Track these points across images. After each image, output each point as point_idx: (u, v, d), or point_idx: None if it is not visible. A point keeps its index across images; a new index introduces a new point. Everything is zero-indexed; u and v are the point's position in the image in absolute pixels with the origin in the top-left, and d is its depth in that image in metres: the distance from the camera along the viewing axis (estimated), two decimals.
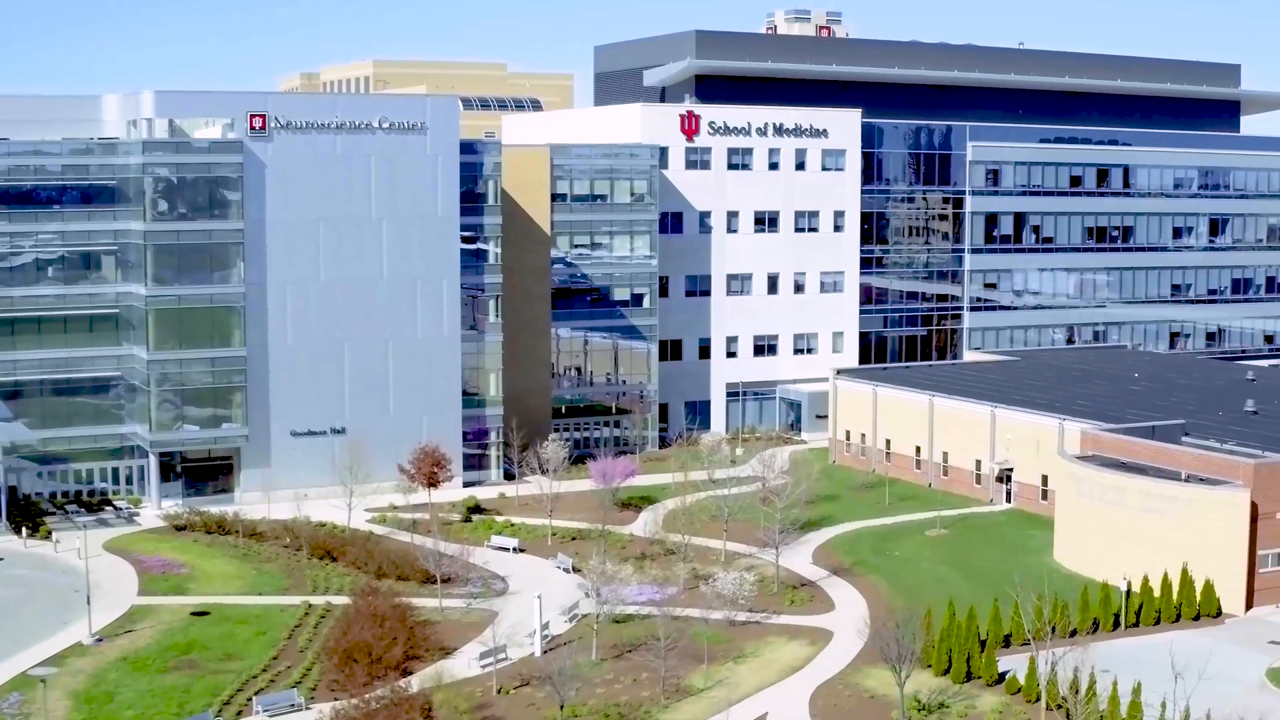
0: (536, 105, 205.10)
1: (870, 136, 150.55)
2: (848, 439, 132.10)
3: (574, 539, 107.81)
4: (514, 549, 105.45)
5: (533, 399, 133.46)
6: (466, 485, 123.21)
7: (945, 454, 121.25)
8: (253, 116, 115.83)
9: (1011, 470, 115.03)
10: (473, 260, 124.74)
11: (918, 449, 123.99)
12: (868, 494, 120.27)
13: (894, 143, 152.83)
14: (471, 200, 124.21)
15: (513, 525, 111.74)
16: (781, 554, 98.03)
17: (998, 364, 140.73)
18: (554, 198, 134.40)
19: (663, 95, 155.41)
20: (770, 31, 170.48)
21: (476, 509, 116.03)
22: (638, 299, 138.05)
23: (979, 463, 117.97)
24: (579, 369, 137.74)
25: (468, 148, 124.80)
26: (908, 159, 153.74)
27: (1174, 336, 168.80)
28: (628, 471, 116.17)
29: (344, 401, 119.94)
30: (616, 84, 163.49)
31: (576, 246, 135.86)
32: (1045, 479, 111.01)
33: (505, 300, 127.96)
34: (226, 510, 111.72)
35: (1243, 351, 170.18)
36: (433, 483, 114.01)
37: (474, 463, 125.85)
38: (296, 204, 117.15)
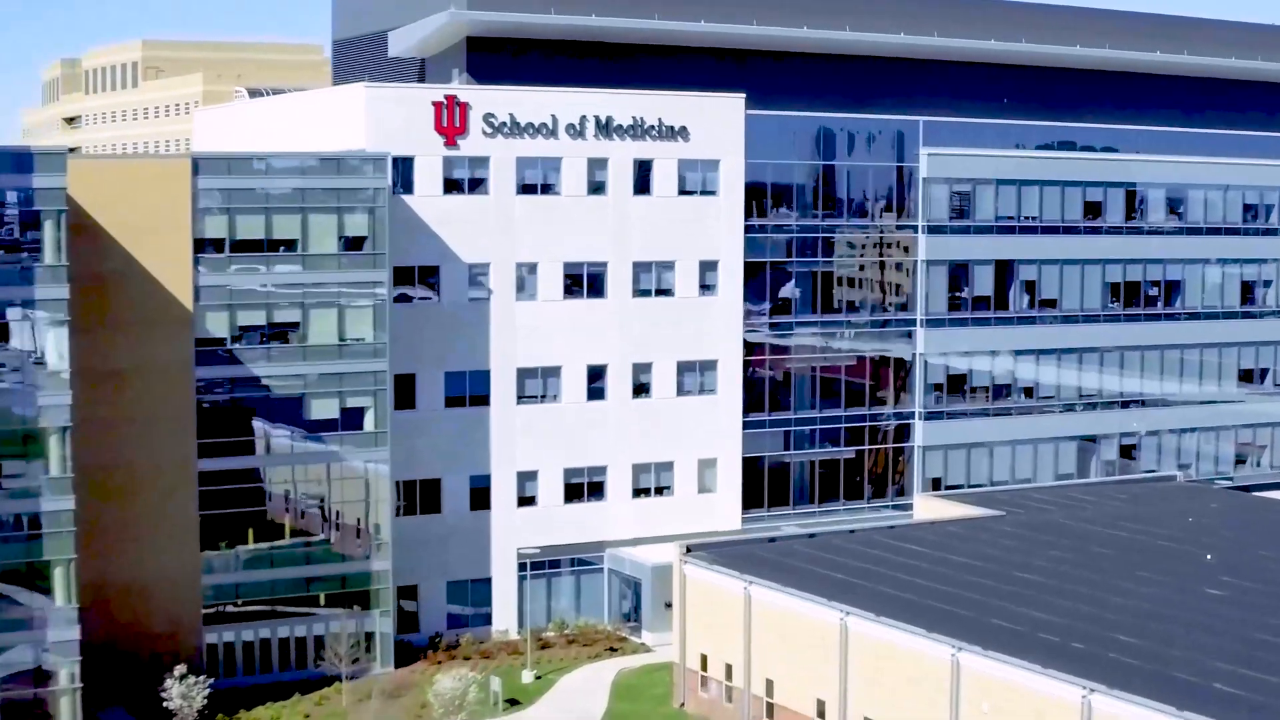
0: None
1: (761, 139, 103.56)
2: (703, 668, 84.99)
3: None
4: None
5: (163, 593, 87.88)
6: None
7: None
8: None
9: None
10: (15, 365, 77.37)
11: (821, 705, 76.91)
12: None
13: (800, 149, 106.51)
14: (16, 254, 77.00)
15: None
16: None
17: (968, 525, 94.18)
18: (202, 246, 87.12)
19: (422, 72, 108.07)
20: None
21: None
22: (355, 415, 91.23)
23: None
24: (252, 534, 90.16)
25: (9, 162, 77.30)
26: (824, 176, 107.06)
27: (1243, 450, 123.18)
28: None
29: None
30: (361, 55, 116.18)
31: (244, 329, 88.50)
32: None
33: (97, 430, 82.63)
34: None
35: None
36: None
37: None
38: None
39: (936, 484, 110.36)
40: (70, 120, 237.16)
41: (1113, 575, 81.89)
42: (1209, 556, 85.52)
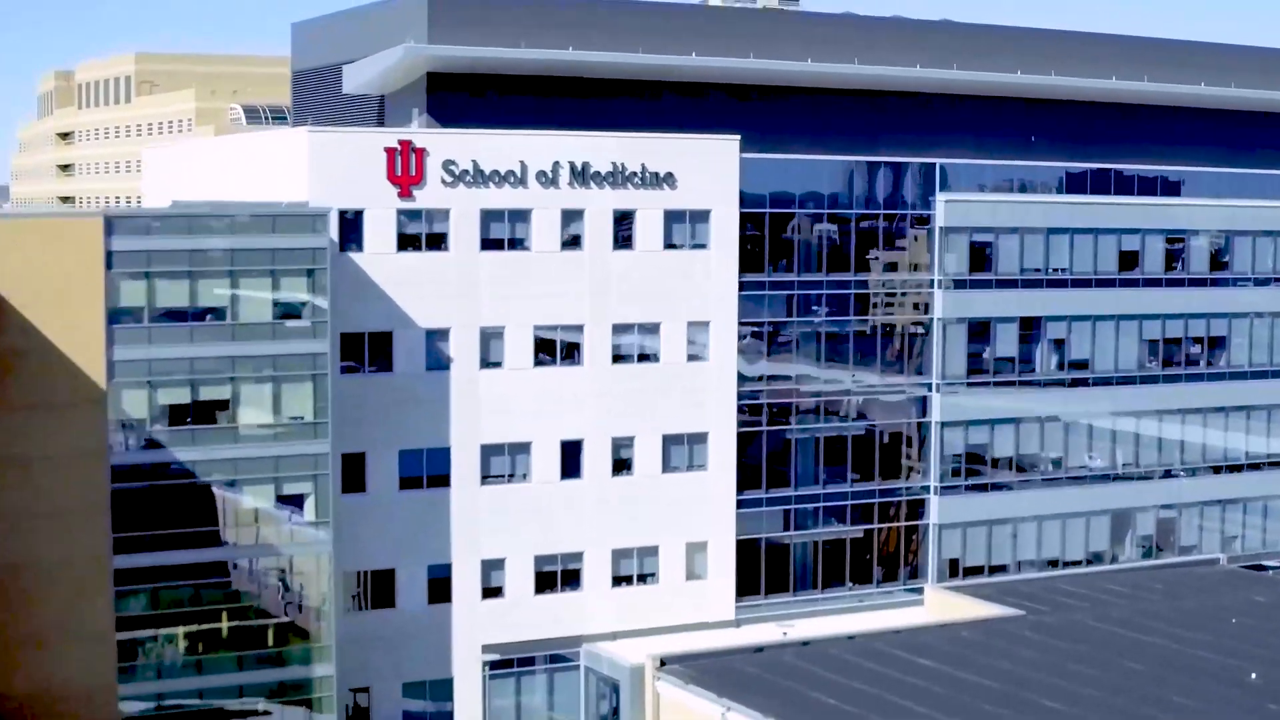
0: None
1: (759, 185, 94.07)
2: None
3: None
4: None
5: (76, 704, 77.71)
6: None
7: None
8: None
9: None
10: None
11: None
12: None
13: (803, 196, 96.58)
14: None
15: None
16: None
17: (983, 629, 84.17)
18: (115, 316, 77.74)
19: (382, 112, 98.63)
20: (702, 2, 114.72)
21: None
22: (294, 502, 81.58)
23: None
24: (179, 637, 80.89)
25: None
26: (828, 226, 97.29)
27: None
28: None
29: None
30: (318, 90, 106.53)
31: (166, 410, 79.11)
32: None
33: None
34: None
35: None
36: None
37: None
38: None
39: (954, 565, 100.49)
40: (64, 136, 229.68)
41: (1144, 702, 71.81)
42: (1254, 675, 75.46)
